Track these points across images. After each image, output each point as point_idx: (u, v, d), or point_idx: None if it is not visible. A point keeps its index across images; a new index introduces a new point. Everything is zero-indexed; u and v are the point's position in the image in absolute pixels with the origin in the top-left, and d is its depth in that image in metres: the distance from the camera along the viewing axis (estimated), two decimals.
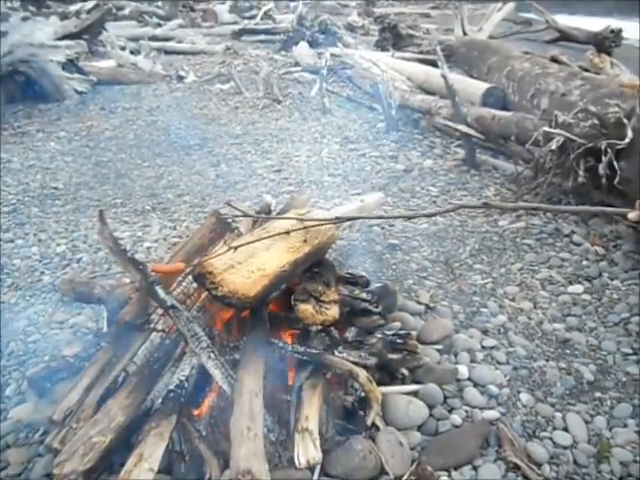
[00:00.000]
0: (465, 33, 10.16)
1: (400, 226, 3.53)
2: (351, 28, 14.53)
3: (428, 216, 3.08)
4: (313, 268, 2.17)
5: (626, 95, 3.56)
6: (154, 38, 12.39)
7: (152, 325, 1.86)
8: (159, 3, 21.12)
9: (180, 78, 8.44)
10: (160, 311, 1.88)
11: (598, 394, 2.25)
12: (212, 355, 1.70)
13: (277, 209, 2.76)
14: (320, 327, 1.97)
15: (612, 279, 2.99)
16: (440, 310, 2.71)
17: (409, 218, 3.29)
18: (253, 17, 17.29)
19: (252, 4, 21.42)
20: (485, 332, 2.59)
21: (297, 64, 8.99)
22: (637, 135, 3.18)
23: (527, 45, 15.37)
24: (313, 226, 2.02)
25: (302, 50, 9.51)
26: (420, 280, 2.97)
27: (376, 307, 2.32)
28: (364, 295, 2.37)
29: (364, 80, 6.89)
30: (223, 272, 1.77)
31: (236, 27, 14.52)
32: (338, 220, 2.10)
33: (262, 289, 1.78)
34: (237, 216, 2.15)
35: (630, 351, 2.50)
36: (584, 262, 3.14)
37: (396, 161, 4.67)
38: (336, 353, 1.97)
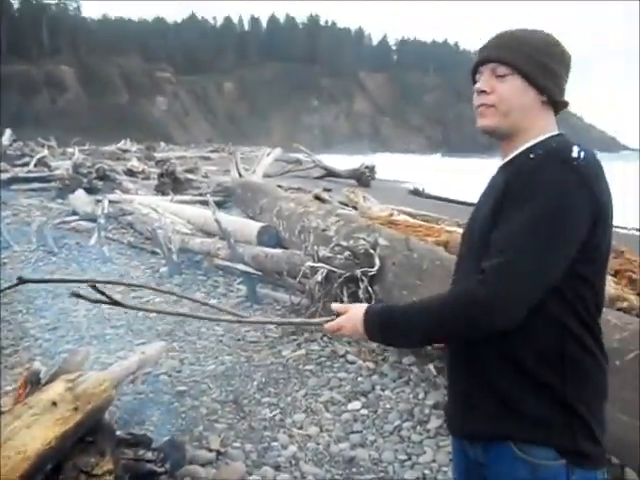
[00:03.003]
0: (240, 175, 11.01)
1: (188, 371, 3.52)
2: (131, 173, 14.76)
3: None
4: (88, 436, 2.06)
5: (371, 228, 4.19)
6: None
7: None
8: None
9: None
10: None
11: None
12: None
13: (48, 375, 2.57)
14: None
15: (383, 390, 3.31)
16: (232, 453, 2.70)
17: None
18: (26, 164, 16.55)
19: (24, 151, 20.62)
20: (277, 467, 2.64)
21: (74, 212, 8.76)
22: (383, 262, 3.74)
23: (300, 182, 17.21)
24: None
25: (79, 198, 9.33)
26: (210, 424, 2.95)
27: (162, 466, 2.25)
28: (149, 455, 2.29)
29: (144, 225, 6.97)
30: None
31: (5, 175, 13.70)
32: None
33: (22, 475, 1.63)
34: None
35: (405, 457, 2.75)
36: (359, 379, 3.45)
37: (181, 305, 4.71)
38: None
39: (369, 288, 3.64)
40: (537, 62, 1.25)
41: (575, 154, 1.15)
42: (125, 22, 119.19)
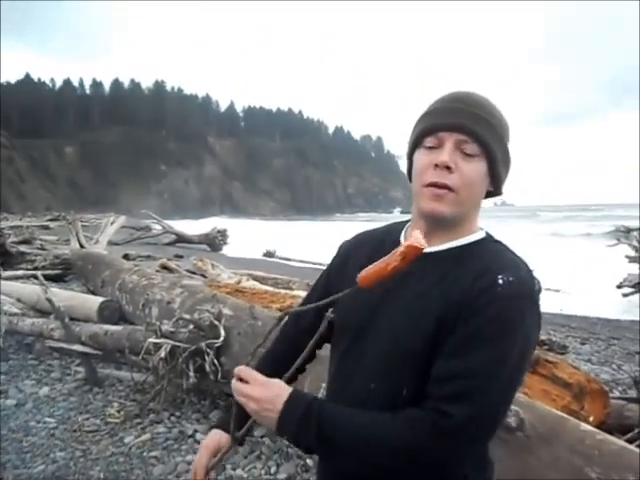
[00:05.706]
0: (82, 245, 10.35)
1: (10, 477, 3.09)
2: None
3: None
4: None
5: (216, 298, 4.13)
6: None
7: None
8: None
9: None
10: None
11: None
12: None
13: None
14: None
15: (235, 469, 3.18)
16: None
17: None
18: None
19: None
20: None
21: None
22: (229, 333, 3.69)
23: (150, 249, 16.62)
24: None
25: None
26: None
27: None
28: None
29: None
30: None
31: None
32: None
33: None
34: None
35: None
36: None
37: (6, 396, 4.19)
38: None
39: (215, 360, 3.55)
40: (504, 147, 1.08)
41: (537, 286, 1.04)
42: None
